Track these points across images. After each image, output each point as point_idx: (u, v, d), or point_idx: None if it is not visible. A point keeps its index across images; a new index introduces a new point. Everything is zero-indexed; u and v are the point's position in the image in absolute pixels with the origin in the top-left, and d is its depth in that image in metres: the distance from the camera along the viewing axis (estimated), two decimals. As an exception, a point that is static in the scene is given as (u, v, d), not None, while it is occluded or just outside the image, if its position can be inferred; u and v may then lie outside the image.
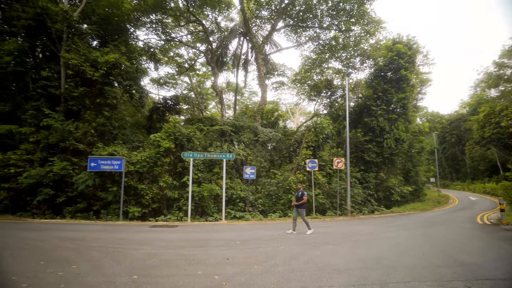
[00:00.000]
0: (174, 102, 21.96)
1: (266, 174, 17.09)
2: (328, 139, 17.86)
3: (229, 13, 26.19)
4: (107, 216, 12.82)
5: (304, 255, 6.45)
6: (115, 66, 14.80)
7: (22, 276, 4.71)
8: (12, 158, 13.21)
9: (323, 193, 15.45)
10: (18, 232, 9.00)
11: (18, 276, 4.71)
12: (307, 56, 24.67)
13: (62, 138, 13.59)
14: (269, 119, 22.62)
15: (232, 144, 17.18)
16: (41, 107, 14.54)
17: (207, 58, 26.34)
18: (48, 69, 15.30)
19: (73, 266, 5.33)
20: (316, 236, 8.99)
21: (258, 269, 5.36)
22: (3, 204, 13.08)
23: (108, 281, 4.56)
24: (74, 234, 8.73)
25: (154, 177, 14.13)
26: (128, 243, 7.59)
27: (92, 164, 12.57)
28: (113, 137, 15.72)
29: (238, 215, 13.48)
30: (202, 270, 5.24)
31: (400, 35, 20.70)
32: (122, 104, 17.79)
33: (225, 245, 7.49)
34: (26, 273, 4.90)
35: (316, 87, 24.13)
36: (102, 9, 17.16)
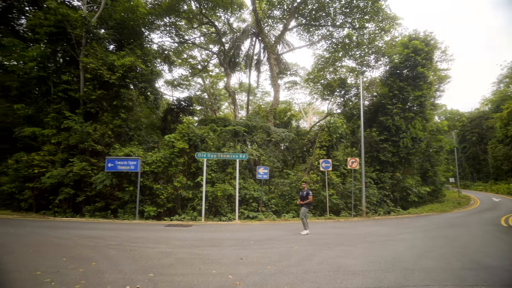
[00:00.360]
0: (187, 103, 22.30)
1: (279, 174, 17.04)
2: (342, 139, 17.59)
3: (241, 14, 26.35)
4: (124, 215, 13.18)
5: (317, 256, 6.39)
6: (131, 69, 15.18)
7: (46, 272, 4.92)
8: (35, 159, 13.80)
9: (337, 194, 15.24)
10: (41, 229, 9.40)
11: (42, 272, 4.92)
12: (320, 55, 24.43)
13: (81, 139, 14.07)
14: (282, 119, 22.55)
15: (245, 145, 17.25)
16: (62, 109, 15.12)
17: (220, 59, 26.58)
18: (68, 73, 15.89)
19: (93, 263, 5.52)
20: (330, 237, 8.88)
21: (272, 269, 5.36)
22: (28, 203, 13.69)
23: (126, 279, 4.69)
24: (93, 233, 9.03)
25: (168, 177, 14.39)
26: (144, 241, 7.77)
27: (109, 164, 12.96)
28: (129, 138, 16.14)
29: (251, 215, 13.51)
30: (216, 270, 5.29)
31: (417, 31, 20.08)
32: (137, 106, 18.23)
33: (239, 245, 7.53)
34: (49, 268, 5.12)
35: (329, 86, 23.84)
36: (118, 14, 17.65)
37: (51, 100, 16.13)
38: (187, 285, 4.51)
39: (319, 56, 24.55)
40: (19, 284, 4.37)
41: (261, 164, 15.65)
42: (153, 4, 20.12)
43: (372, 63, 23.25)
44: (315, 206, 14.82)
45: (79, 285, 4.36)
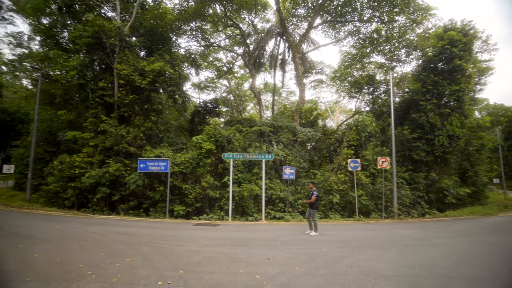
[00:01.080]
0: (214, 105, 22.80)
1: (305, 174, 16.81)
2: (371, 138, 16.93)
3: (265, 14, 26.41)
4: (155, 213, 13.79)
5: (347, 259, 6.21)
6: (160, 73, 15.84)
7: (87, 265, 5.30)
8: (76, 161, 14.90)
9: (367, 194, 14.70)
10: (83, 226, 10.12)
11: (84, 265, 5.30)
12: (347, 51, 23.75)
13: (116, 141, 14.94)
14: (308, 118, 22.21)
15: (271, 145, 17.24)
16: (99, 114, 16.19)
17: (245, 61, 26.83)
18: (104, 80, 16.96)
19: (127, 258, 5.83)
20: (359, 239, 8.59)
21: (299, 270, 5.30)
22: (71, 201, 14.81)
23: (158, 274, 4.90)
24: (127, 230, 9.54)
25: (197, 177, 14.79)
26: (174, 239, 8.06)
27: (141, 165, 13.61)
28: (159, 140, 16.84)
29: (278, 215, 13.47)
30: (243, 269, 5.35)
31: (453, 21, 18.68)
32: (166, 109, 18.96)
33: (266, 245, 7.54)
34: (90, 262, 5.51)
35: (357, 84, 23.06)
36: (148, 22, 18.51)
37: (89, 105, 17.35)
38: (216, 283, 4.61)
39: (345, 53, 23.89)
40: (68, 275, 4.74)
41: (287, 164, 15.54)
42: (180, 10, 20.83)
43: (402, 58, 22.13)
44: (343, 207, 14.42)
45: (116, 279, 4.64)
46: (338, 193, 14.28)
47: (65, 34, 20.76)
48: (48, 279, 4.55)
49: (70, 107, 19.12)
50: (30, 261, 5.49)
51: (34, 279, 4.51)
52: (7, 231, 8.49)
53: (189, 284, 4.53)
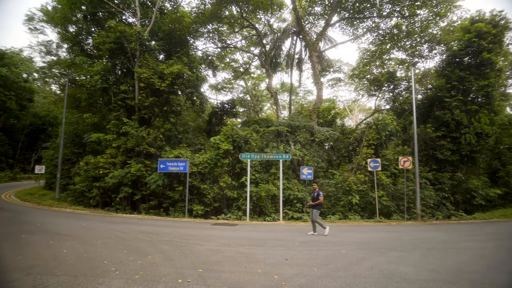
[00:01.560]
0: (231, 106, 23.01)
1: (324, 174, 16.56)
2: (392, 136, 16.40)
3: (281, 14, 26.33)
4: (174, 213, 14.11)
5: (367, 261, 6.04)
6: (179, 76, 16.19)
7: (111, 261, 5.51)
8: (100, 161, 15.55)
9: (388, 195, 14.24)
10: (106, 224, 10.54)
11: (108, 261, 5.52)
12: (366, 48, 23.18)
13: (137, 143, 15.43)
14: (325, 117, 21.88)
15: (288, 145, 17.14)
16: (121, 116, 16.82)
17: (261, 61, 26.87)
18: (125, 84, 17.60)
19: (149, 256, 6.01)
20: (380, 241, 8.34)
21: (318, 272, 5.23)
22: (95, 200, 15.49)
23: (178, 272, 5.01)
24: (148, 228, 9.82)
25: (214, 177, 14.98)
26: (193, 238, 8.20)
27: (161, 166, 13.98)
28: (178, 141, 17.22)
29: (295, 215, 13.36)
30: (261, 269, 5.34)
31: (481, 11, 17.62)
32: (185, 110, 19.36)
33: (284, 246, 7.50)
34: (114, 259, 5.72)
35: (376, 81, 22.42)
36: (167, 26, 18.99)
37: (112, 108, 18.08)
38: (234, 282, 4.64)
39: (364, 50, 23.31)
40: (94, 271, 4.96)
41: (305, 164, 15.38)
42: (197, 13, 21.21)
43: (425, 53, 21.26)
44: (363, 208, 14.07)
45: (138, 275, 4.79)
46: (357, 193, 13.95)
47: (90, 40, 21.75)
48: (76, 274, 4.78)
49: (94, 110, 20.02)
50: (60, 257, 5.79)
51: (64, 274, 4.75)
52: (39, 228, 9.01)
53: (208, 282, 4.58)
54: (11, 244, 6.82)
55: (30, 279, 4.50)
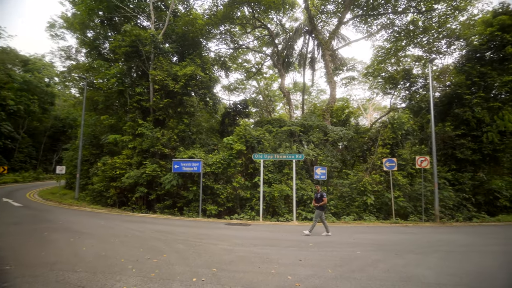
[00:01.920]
0: (243, 106, 23.10)
1: (337, 174, 16.33)
2: (408, 136, 15.96)
3: (293, 13, 26.16)
4: (188, 212, 14.30)
5: (383, 263, 5.91)
6: (192, 77, 16.41)
7: (128, 260, 5.65)
8: (117, 162, 15.99)
9: (404, 196, 13.86)
10: (123, 223, 10.82)
11: (125, 259, 5.67)
12: (380, 46, 22.64)
13: (152, 144, 15.76)
14: (339, 117, 21.58)
15: (301, 145, 17.01)
16: (136, 118, 17.22)
17: (273, 61, 26.81)
18: (140, 86, 18.01)
19: (164, 255, 6.12)
20: (396, 243, 8.13)
21: (333, 273, 5.16)
22: (113, 200, 15.93)
23: (192, 271, 5.07)
24: (163, 228, 10.01)
25: (228, 177, 15.07)
26: (207, 238, 8.29)
27: (175, 166, 14.20)
28: (192, 141, 17.45)
29: (309, 216, 13.23)
30: (275, 269, 5.33)
31: (504, 3, 16.74)
32: (198, 111, 19.60)
33: (297, 246, 7.45)
34: (131, 257, 5.87)
35: (391, 79, 21.87)
36: (180, 28, 19.30)
37: (127, 110, 18.55)
38: (248, 282, 4.65)
39: (378, 48, 22.78)
40: (112, 268, 5.11)
41: (318, 164, 15.21)
42: (209, 15, 21.41)
43: (443, 49, 20.52)
44: (378, 209, 13.76)
45: (154, 274, 4.89)
46: (372, 194, 13.66)
47: (106, 45, 22.43)
48: (94, 271, 4.93)
49: (111, 112, 20.63)
50: (79, 254, 6.00)
51: (83, 270, 4.92)
52: (60, 226, 9.36)
53: (222, 282, 4.62)
54: (35, 240, 7.13)
55: (53, 274, 4.69)
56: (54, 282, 4.36)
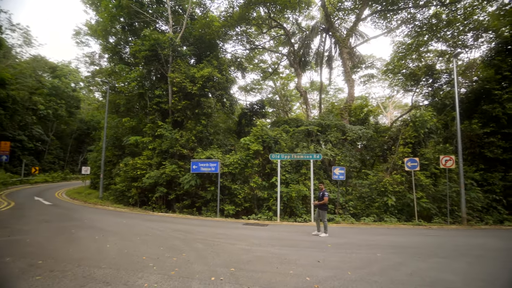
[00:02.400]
0: (260, 106, 23.12)
1: (357, 174, 15.97)
2: (431, 134, 15.32)
3: (309, 11, 25.90)
4: (207, 212, 14.51)
5: (406, 266, 5.71)
6: (209, 79, 16.66)
7: (149, 257, 5.82)
8: (138, 163, 16.51)
9: (428, 197, 13.30)
10: (144, 222, 11.15)
11: (147, 257, 5.84)
12: (400, 41, 21.87)
13: (171, 145, 16.13)
14: (358, 116, 21.09)
15: (319, 144, 16.80)
16: (156, 120, 17.71)
17: (290, 60, 26.67)
18: (159, 88, 18.50)
19: (183, 254, 6.24)
20: (419, 246, 7.82)
21: (352, 275, 5.05)
22: (134, 199, 16.46)
23: (211, 270, 5.14)
24: (182, 227, 10.21)
25: (245, 178, 15.15)
26: (225, 238, 8.37)
27: (194, 166, 14.45)
28: (209, 142, 17.69)
29: (327, 217, 13.02)
30: (293, 270, 5.29)
31: (539, -9, 15.72)
32: (215, 112, 19.88)
33: (315, 247, 7.35)
34: (151, 255, 6.04)
35: (413, 76, 21.09)
36: (197, 31, 19.65)
37: (147, 112, 19.11)
38: (266, 282, 4.65)
39: (399, 44, 22.02)
40: (134, 265, 5.28)
41: (337, 164, 14.94)
42: (225, 17, 21.65)
43: (469, 43, 19.51)
44: (400, 210, 13.31)
45: (174, 272, 5.00)
46: (393, 194, 13.23)
47: (127, 49, 23.23)
48: (118, 267, 5.12)
49: (132, 114, 21.33)
50: (104, 251, 6.24)
51: (108, 267, 5.12)
52: (86, 224, 9.79)
53: (240, 281, 4.65)
54: (64, 238, 7.50)
55: (80, 270, 4.91)
56: (81, 277, 4.57)
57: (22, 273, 4.67)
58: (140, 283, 4.43)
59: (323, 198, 8.97)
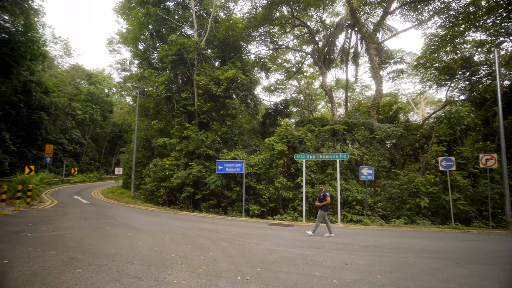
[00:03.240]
0: (284, 106, 23.00)
1: (386, 174, 15.32)
2: (469, 131, 14.30)
3: (333, 8, 25.32)
4: (232, 212, 14.70)
5: (442, 272, 5.36)
6: (233, 80, 16.88)
7: (177, 255, 6.01)
8: (166, 163, 17.14)
9: (465, 198, 12.41)
10: (172, 220, 11.54)
11: (175, 255, 6.03)
12: (433, 34, 20.61)
13: (197, 146, 16.56)
14: (386, 113, 20.23)
15: (345, 144, 16.35)
16: (182, 122, 18.27)
17: (314, 59, 26.23)
18: (186, 91, 19.08)
19: (210, 252, 6.37)
20: (457, 251, 7.31)
21: (382, 279, 4.84)
22: (163, 199, 17.11)
23: (237, 269, 5.19)
24: (209, 226, 10.43)
25: (270, 178, 15.14)
26: (250, 237, 8.41)
27: (219, 167, 14.71)
28: (234, 143, 17.92)
29: (355, 218, 12.63)
30: (319, 272, 5.19)
31: None
32: (240, 113, 20.08)
33: (342, 249, 7.15)
34: (180, 252, 6.23)
35: (447, 69, 19.79)
36: (221, 34, 20.00)
37: (175, 114, 19.77)
38: (292, 283, 4.60)
39: (431, 36, 20.78)
40: (164, 262, 5.49)
41: (364, 164, 14.44)
42: (249, 18, 21.81)
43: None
44: (433, 213, 12.56)
45: (201, 270, 5.12)
46: (426, 196, 12.51)
47: (155, 55, 24.24)
48: (149, 264, 5.34)
49: (160, 117, 22.20)
50: (136, 248, 6.55)
51: (139, 263, 5.36)
52: (119, 222, 10.34)
53: (266, 281, 4.64)
54: (100, 234, 7.99)
55: (115, 265, 5.20)
56: (116, 272, 4.83)
57: (65, 266, 5.04)
58: (170, 279, 4.58)
59: (325, 199, 8.90)
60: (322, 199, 8.96)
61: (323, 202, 8.92)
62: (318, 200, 9.20)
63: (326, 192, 9.04)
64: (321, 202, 9.00)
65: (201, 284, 4.44)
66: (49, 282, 4.27)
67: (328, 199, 8.92)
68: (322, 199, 8.96)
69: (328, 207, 9.08)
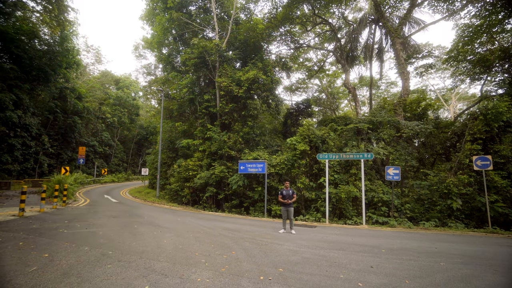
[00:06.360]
0: (305, 106, 22.75)
1: (414, 175, 14.62)
2: (508, 128, 13.27)
3: (356, 3, 24.62)
4: (254, 212, 14.75)
5: (478, 279, 5.01)
6: (254, 81, 16.96)
7: (201, 254, 6.14)
8: (190, 164, 17.57)
9: (505, 200, 11.52)
10: (196, 220, 11.81)
11: (199, 253, 6.17)
12: (466, 24, 19.32)
13: (220, 146, 16.81)
14: (414, 111, 19.30)
15: (370, 143, 15.83)
16: (205, 123, 18.66)
17: (336, 56, 25.65)
18: (208, 93, 19.45)
19: (233, 252, 6.44)
20: (496, 257, 6.80)
21: (411, 284, 4.63)
22: (187, 198, 17.55)
23: (259, 270, 5.21)
24: (231, 226, 10.54)
25: (292, 178, 15.02)
26: (273, 238, 8.39)
27: (241, 167, 14.83)
28: (256, 143, 17.98)
29: (380, 220, 12.19)
30: (344, 274, 5.07)
31: None
32: (261, 113, 20.13)
33: (368, 252, 6.93)
34: (203, 251, 6.36)
35: (482, 61, 18.47)
36: (242, 35, 20.18)
37: (197, 116, 20.23)
38: (315, 285, 4.54)
39: (464, 27, 19.50)
40: (188, 261, 5.64)
41: (390, 163, 13.90)
42: (269, 18, 21.82)
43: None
44: (468, 215, 11.78)
45: (224, 269, 5.19)
46: (459, 197, 11.78)
47: (178, 59, 24.97)
48: (174, 262, 5.51)
49: (183, 119, 22.83)
50: (162, 246, 6.78)
51: (165, 260, 5.55)
52: (146, 221, 10.75)
53: (289, 282, 4.61)
54: (128, 232, 8.36)
55: (142, 262, 5.42)
56: (143, 268, 5.04)
57: (97, 261, 5.33)
58: (194, 277, 4.70)
59: (293, 196, 9.41)
60: (291, 196, 9.41)
61: (292, 199, 9.37)
62: (288, 197, 9.41)
63: (294, 190, 9.66)
64: (290, 199, 9.37)
65: (224, 283, 4.51)
66: (84, 276, 4.54)
67: (295, 196, 9.48)
68: (291, 196, 9.41)
69: (292, 204, 9.53)
